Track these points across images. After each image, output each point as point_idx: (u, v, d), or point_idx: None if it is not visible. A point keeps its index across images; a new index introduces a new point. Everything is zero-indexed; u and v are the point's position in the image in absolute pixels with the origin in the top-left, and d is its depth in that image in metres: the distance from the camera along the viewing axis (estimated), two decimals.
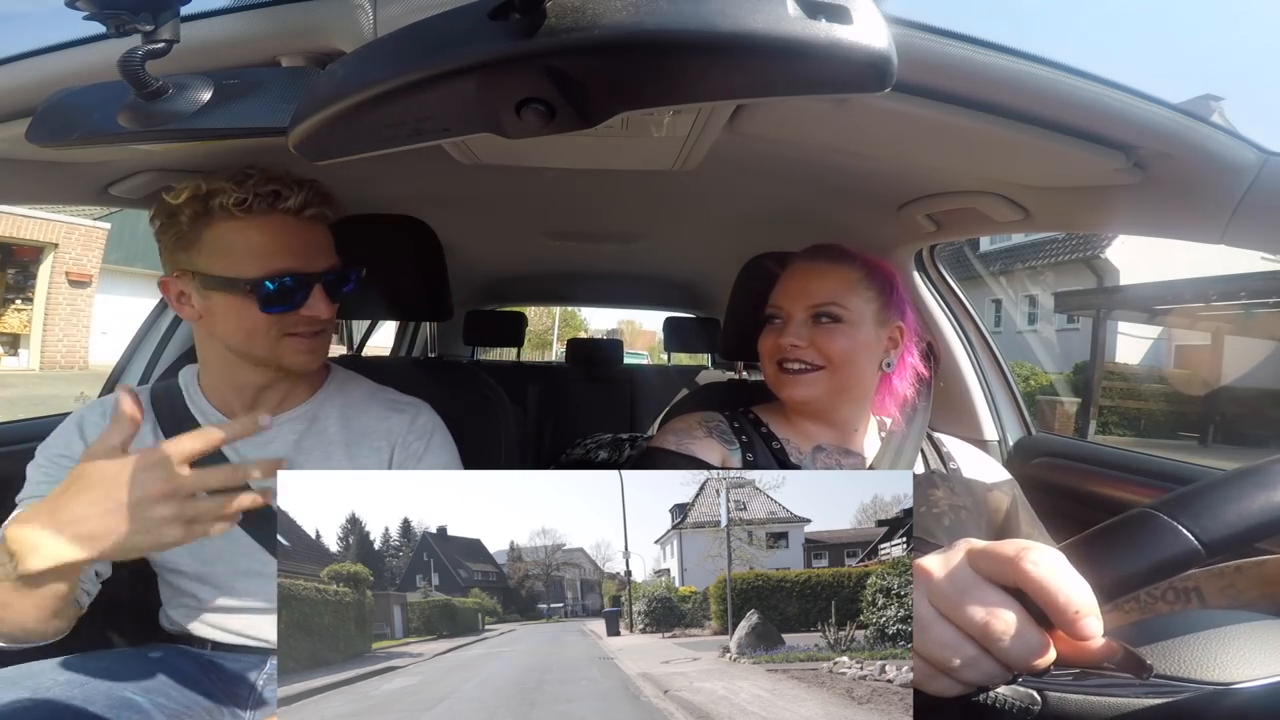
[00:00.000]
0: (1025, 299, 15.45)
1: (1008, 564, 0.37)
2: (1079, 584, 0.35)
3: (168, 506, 0.58)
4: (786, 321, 0.90)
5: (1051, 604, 0.35)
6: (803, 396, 0.88)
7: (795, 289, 0.90)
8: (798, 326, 0.88)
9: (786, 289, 0.92)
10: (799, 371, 0.88)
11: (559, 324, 22.91)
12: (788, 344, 0.87)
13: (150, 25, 0.40)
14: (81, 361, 11.90)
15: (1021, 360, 12.20)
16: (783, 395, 0.91)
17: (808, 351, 0.87)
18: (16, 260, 11.76)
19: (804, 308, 0.88)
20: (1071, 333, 13.55)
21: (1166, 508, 0.40)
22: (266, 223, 0.79)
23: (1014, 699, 0.39)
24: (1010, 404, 1.48)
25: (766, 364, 0.92)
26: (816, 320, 0.88)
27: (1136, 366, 12.65)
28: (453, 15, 0.32)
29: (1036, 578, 0.35)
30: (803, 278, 0.91)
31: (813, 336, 0.87)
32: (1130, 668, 0.35)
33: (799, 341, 0.87)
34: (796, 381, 0.88)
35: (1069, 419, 10.41)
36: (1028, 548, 0.36)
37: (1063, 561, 0.36)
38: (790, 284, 0.92)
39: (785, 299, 0.91)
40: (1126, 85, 0.64)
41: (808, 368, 0.87)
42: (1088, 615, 0.34)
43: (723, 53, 0.30)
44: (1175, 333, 12.72)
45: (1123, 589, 0.38)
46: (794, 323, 0.89)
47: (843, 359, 0.87)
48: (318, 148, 0.38)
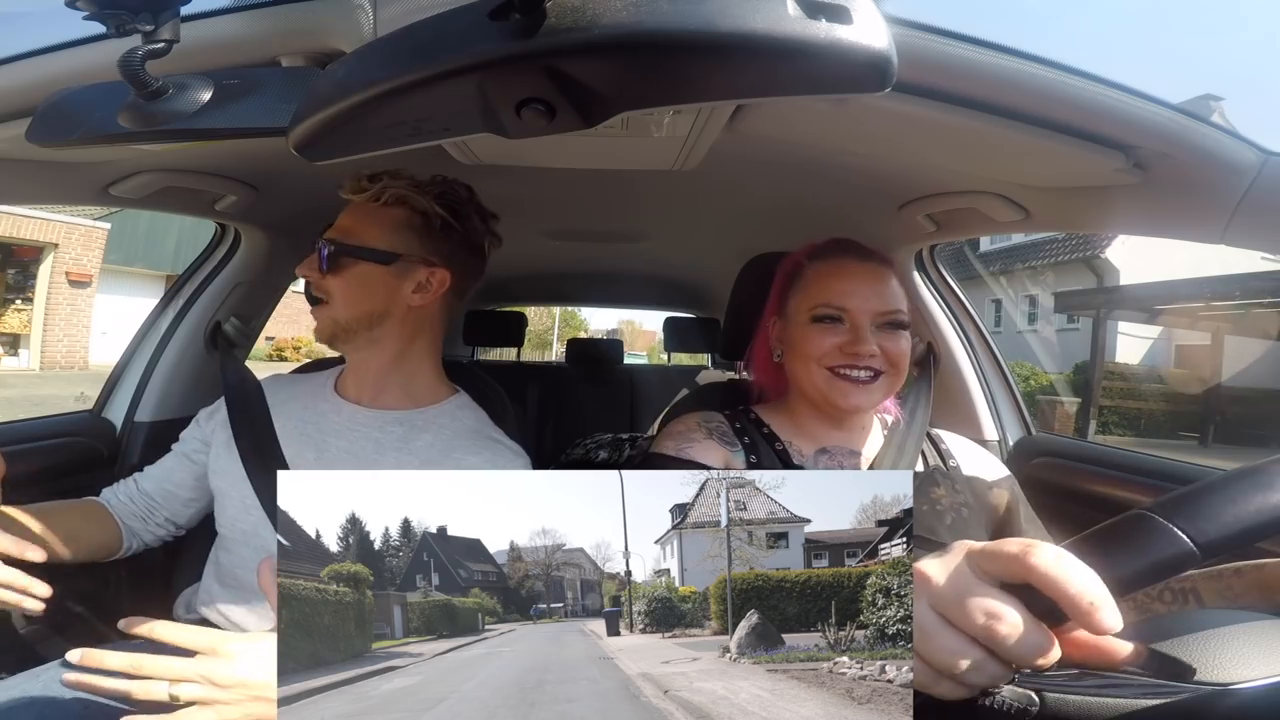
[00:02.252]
0: (1025, 299, 15.44)
1: (1013, 561, 0.36)
2: (1090, 576, 0.35)
3: None
4: (854, 325, 0.84)
5: (1064, 597, 0.34)
6: (869, 405, 0.85)
7: (864, 291, 0.85)
8: (869, 331, 0.83)
9: (850, 290, 0.85)
10: (865, 380, 0.83)
11: (559, 324, 22.90)
12: (864, 350, 0.82)
13: (150, 25, 0.40)
14: (81, 361, 11.89)
15: (1021, 360, 12.19)
16: (842, 404, 0.84)
17: (878, 359, 0.83)
18: (16, 260, 11.76)
19: (873, 312, 0.84)
20: (1071, 333, 13.54)
21: (1162, 510, 0.40)
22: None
23: (1012, 699, 0.39)
24: (1010, 404, 1.48)
25: (813, 366, 0.85)
26: (883, 327, 0.84)
27: (1136, 366, 12.64)
28: (453, 15, 0.32)
29: (1047, 572, 0.35)
30: (866, 280, 0.86)
31: (881, 343, 0.83)
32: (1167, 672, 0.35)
33: (874, 349, 0.82)
34: (863, 390, 0.83)
35: (1069, 419, 10.41)
36: (1033, 544, 0.36)
37: (1069, 556, 0.36)
38: (853, 285, 0.85)
39: (851, 300, 0.84)
40: (1126, 85, 0.64)
41: (873, 375, 0.83)
42: (1103, 607, 0.34)
43: (723, 53, 0.30)
44: (1175, 333, 12.71)
45: (1118, 591, 0.38)
46: (864, 328, 0.83)
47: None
48: (318, 148, 0.38)
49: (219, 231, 1.42)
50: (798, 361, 0.87)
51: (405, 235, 0.90)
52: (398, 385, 0.95)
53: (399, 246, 0.90)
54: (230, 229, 1.40)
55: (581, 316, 24.91)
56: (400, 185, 0.90)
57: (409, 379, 0.96)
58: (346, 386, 0.97)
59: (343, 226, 0.91)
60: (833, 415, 0.89)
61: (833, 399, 0.85)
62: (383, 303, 0.90)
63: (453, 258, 0.94)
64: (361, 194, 0.90)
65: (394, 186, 0.89)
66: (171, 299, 1.41)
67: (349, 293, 0.89)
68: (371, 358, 0.94)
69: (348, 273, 0.89)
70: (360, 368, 0.95)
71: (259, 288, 1.46)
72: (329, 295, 0.90)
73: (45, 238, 11.49)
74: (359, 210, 0.92)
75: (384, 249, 0.89)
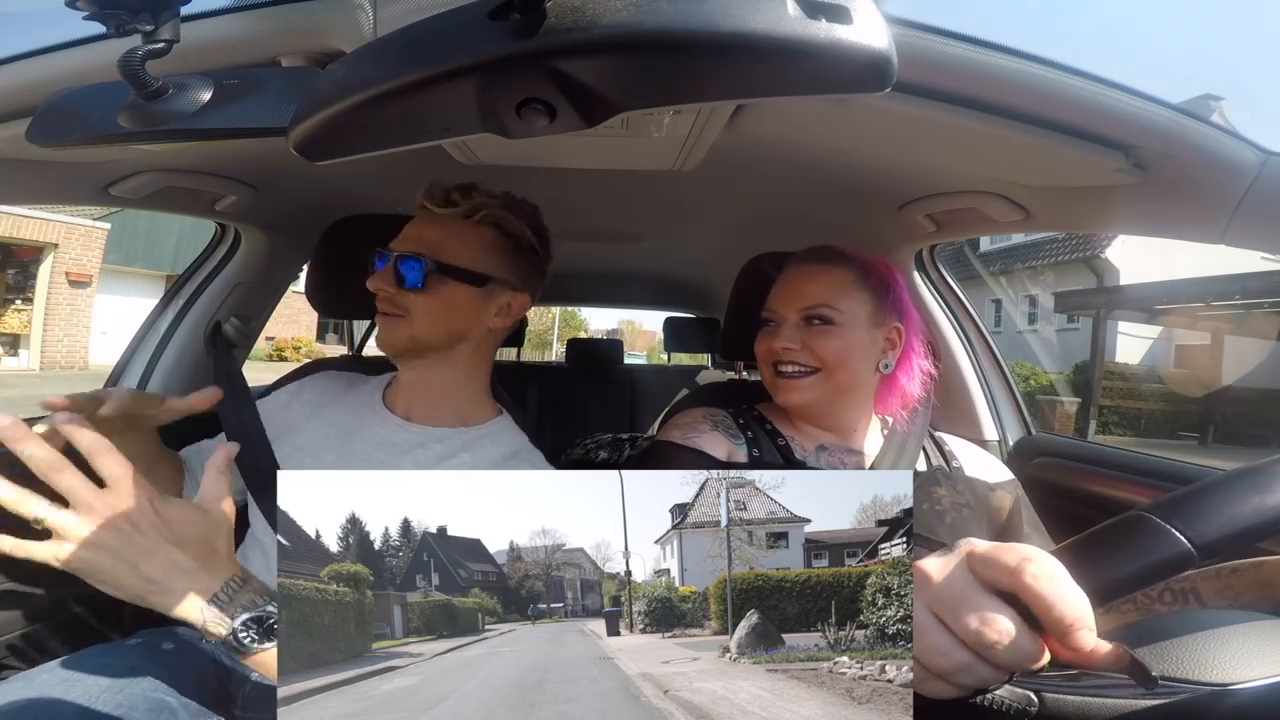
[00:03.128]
0: (1025, 299, 15.45)
1: (1008, 573, 0.37)
2: (1076, 596, 0.36)
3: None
4: (780, 324, 0.90)
5: (1047, 616, 0.35)
6: (798, 400, 0.88)
7: (788, 292, 0.91)
8: (790, 329, 0.88)
9: (780, 292, 0.92)
10: (794, 375, 0.87)
11: (559, 324, 22.90)
12: (780, 347, 0.87)
13: (150, 25, 0.40)
14: (81, 361, 11.90)
15: (1021, 360, 12.19)
16: (779, 399, 0.90)
17: (801, 354, 0.87)
18: (16, 260, 11.76)
19: (796, 310, 0.88)
20: (1071, 333, 13.54)
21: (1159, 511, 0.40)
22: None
23: (1011, 700, 0.39)
24: (1010, 404, 1.48)
25: (763, 367, 0.92)
26: (809, 323, 0.88)
27: (1136, 366, 12.64)
28: (453, 15, 0.32)
29: (1036, 590, 0.36)
30: (796, 280, 0.91)
31: (805, 339, 0.87)
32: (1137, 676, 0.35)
33: (792, 344, 0.87)
34: (792, 386, 0.88)
35: (1069, 419, 10.41)
36: (1029, 558, 0.37)
37: (1063, 573, 0.37)
38: (784, 287, 0.92)
39: (778, 302, 0.91)
40: (1126, 85, 0.64)
41: (803, 370, 0.87)
42: (1081, 628, 0.35)
43: (723, 53, 0.30)
44: (1175, 333, 12.71)
45: (1115, 592, 0.38)
46: (787, 325, 0.89)
47: (836, 361, 0.86)
48: (318, 148, 0.38)
49: (219, 231, 1.42)
50: (759, 364, 0.93)
51: (496, 257, 0.88)
52: (452, 405, 0.92)
53: (490, 269, 0.88)
54: (230, 229, 1.40)
55: (581, 316, 24.94)
56: (495, 205, 0.88)
57: (466, 399, 0.93)
58: (396, 399, 0.94)
59: (430, 241, 0.86)
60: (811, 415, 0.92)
61: (776, 397, 0.90)
62: (466, 324, 0.88)
63: (530, 280, 0.93)
64: (450, 208, 0.87)
65: (490, 206, 0.87)
66: (171, 299, 1.41)
67: (435, 311, 0.86)
68: (436, 375, 0.91)
69: (436, 291, 0.85)
70: (420, 384, 0.92)
71: (259, 288, 1.46)
72: (409, 311, 0.85)
73: (45, 238, 11.50)
74: (445, 225, 0.87)
75: (478, 270, 0.87)
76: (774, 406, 0.96)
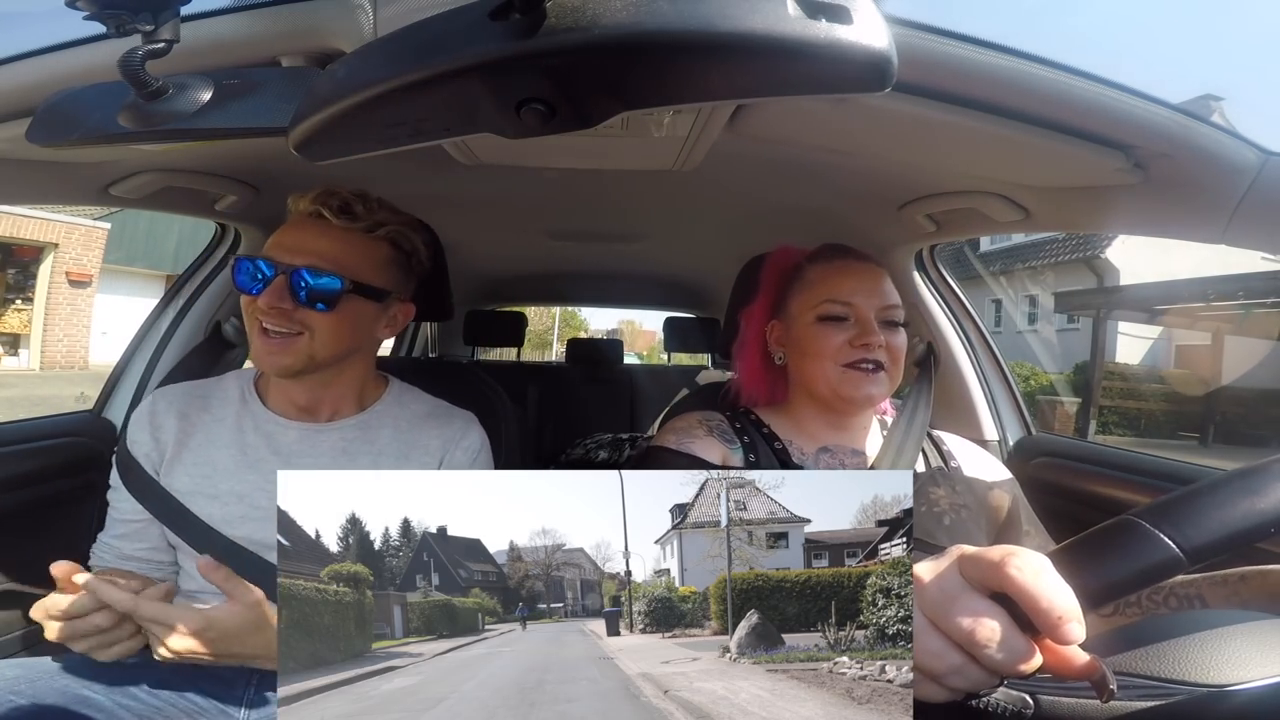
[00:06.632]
0: (1025, 299, 15.44)
1: (993, 569, 0.37)
2: (1063, 589, 0.36)
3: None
4: (860, 319, 0.86)
5: (1034, 608, 0.35)
6: (878, 395, 0.86)
7: (866, 288, 0.87)
8: (875, 326, 0.86)
9: (853, 287, 0.87)
10: (874, 370, 0.85)
11: (559, 324, 22.90)
12: (874, 341, 0.84)
13: (150, 25, 0.40)
14: (81, 361, 11.90)
15: (1021, 360, 12.19)
16: (856, 395, 0.85)
17: (882, 352, 0.85)
18: (16, 260, 11.77)
19: (877, 308, 0.87)
20: (1071, 333, 13.53)
21: (1148, 515, 0.40)
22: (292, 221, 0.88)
23: (1007, 702, 0.39)
24: (1010, 404, 1.48)
25: (826, 364, 0.86)
26: (885, 324, 0.87)
27: (1136, 366, 12.64)
28: (452, 15, 0.32)
29: (1020, 582, 0.36)
30: (869, 278, 0.89)
31: (883, 337, 0.86)
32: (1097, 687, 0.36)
33: (882, 340, 0.85)
34: (873, 380, 0.85)
35: (1069, 419, 10.41)
36: (1013, 553, 0.37)
37: (1048, 566, 0.37)
38: (855, 283, 0.88)
39: (856, 297, 0.87)
40: (1126, 85, 0.64)
41: (879, 367, 0.86)
42: (1070, 620, 0.35)
43: (723, 53, 0.30)
44: (1175, 333, 12.71)
45: (1105, 596, 0.38)
46: (870, 322, 0.86)
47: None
48: (318, 148, 0.38)
49: (219, 231, 1.42)
50: (807, 361, 0.89)
51: (393, 271, 0.89)
52: (348, 399, 0.94)
53: (388, 283, 0.88)
54: (230, 229, 1.40)
55: (581, 316, 24.92)
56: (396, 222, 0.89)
57: (358, 391, 0.95)
58: (285, 405, 0.91)
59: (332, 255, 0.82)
60: (840, 413, 0.91)
61: (845, 392, 0.86)
62: (362, 338, 0.89)
63: (417, 292, 0.96)
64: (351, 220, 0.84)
65: (392, 223, 0.88)
66: (171, 299, 1.41)
67: (339, 328, 0.83)
68: (327, 385, 0.91)
69: (342, 309, 0.82)
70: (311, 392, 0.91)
71: None
72: (311, 329, 0.82)
73: (45, 238, 11.50)
74: (347, 238, 0.84)
75: (380, 286, 0.86)
76: (773, 410, 0.96)
